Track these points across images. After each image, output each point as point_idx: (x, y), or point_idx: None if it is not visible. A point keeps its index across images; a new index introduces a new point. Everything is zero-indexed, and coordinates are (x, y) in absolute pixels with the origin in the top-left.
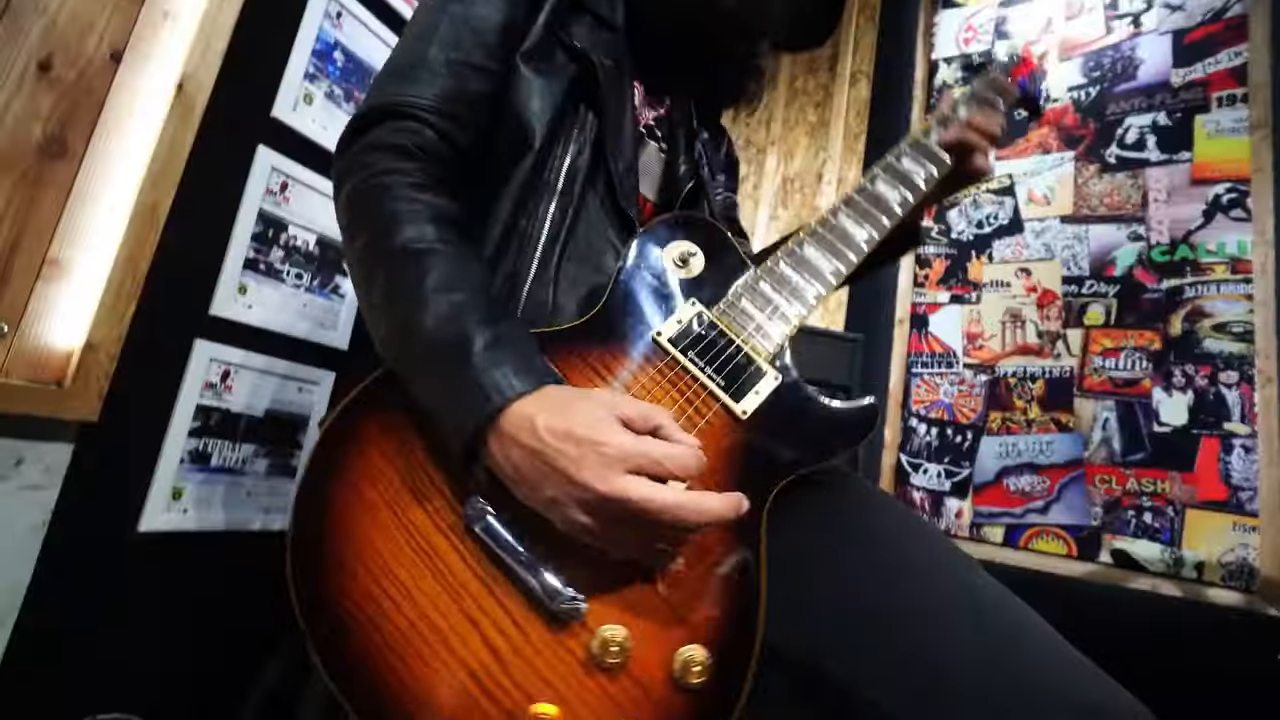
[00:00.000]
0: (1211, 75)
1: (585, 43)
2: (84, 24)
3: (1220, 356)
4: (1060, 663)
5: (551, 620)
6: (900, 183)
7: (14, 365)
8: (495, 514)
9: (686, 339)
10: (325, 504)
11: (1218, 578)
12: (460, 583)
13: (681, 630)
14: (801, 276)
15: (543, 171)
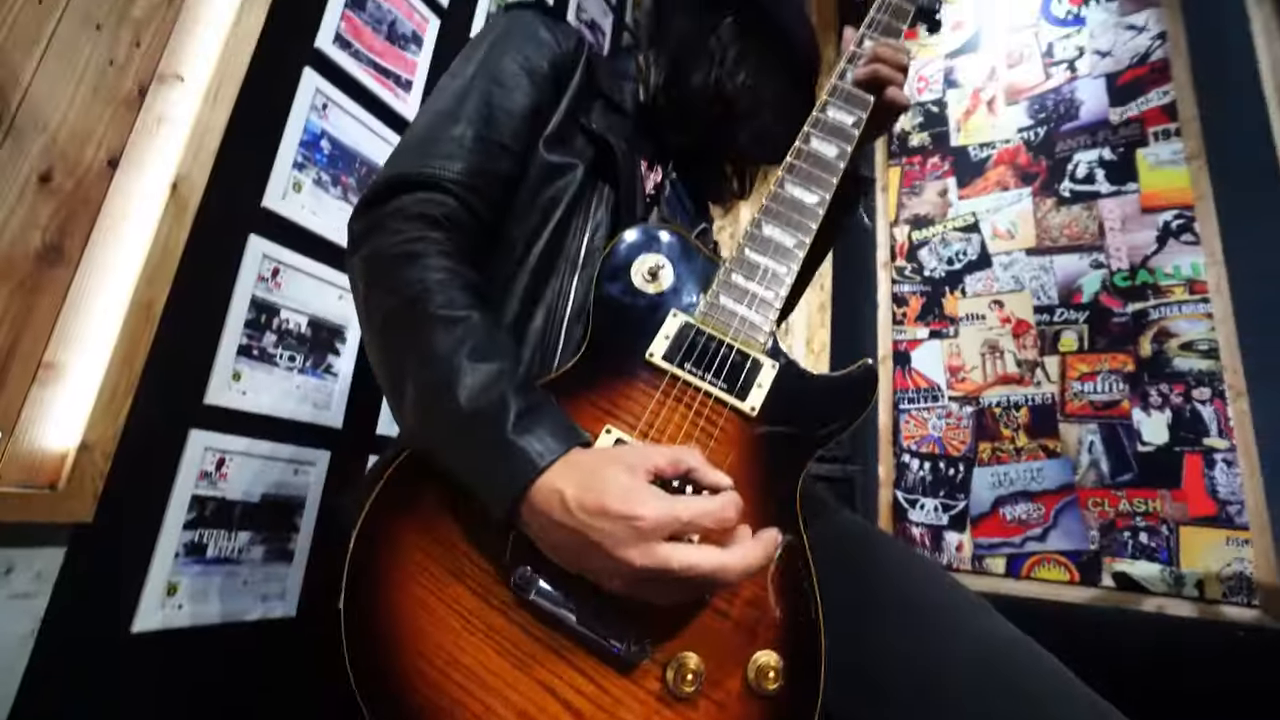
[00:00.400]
0: (1145, 113)
1: (601, 125)
2: (83, 136)
3: (1191, 374)
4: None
5: (622, 667)
6: (833, 135)
7: (7, 471)
8: (544, 578)
9: (679, 352)
10: (374, 614)
11: (1220, 594)
12: (527, 653)
13: (747, 641)
14: (769, 258)
15: (561, 247)
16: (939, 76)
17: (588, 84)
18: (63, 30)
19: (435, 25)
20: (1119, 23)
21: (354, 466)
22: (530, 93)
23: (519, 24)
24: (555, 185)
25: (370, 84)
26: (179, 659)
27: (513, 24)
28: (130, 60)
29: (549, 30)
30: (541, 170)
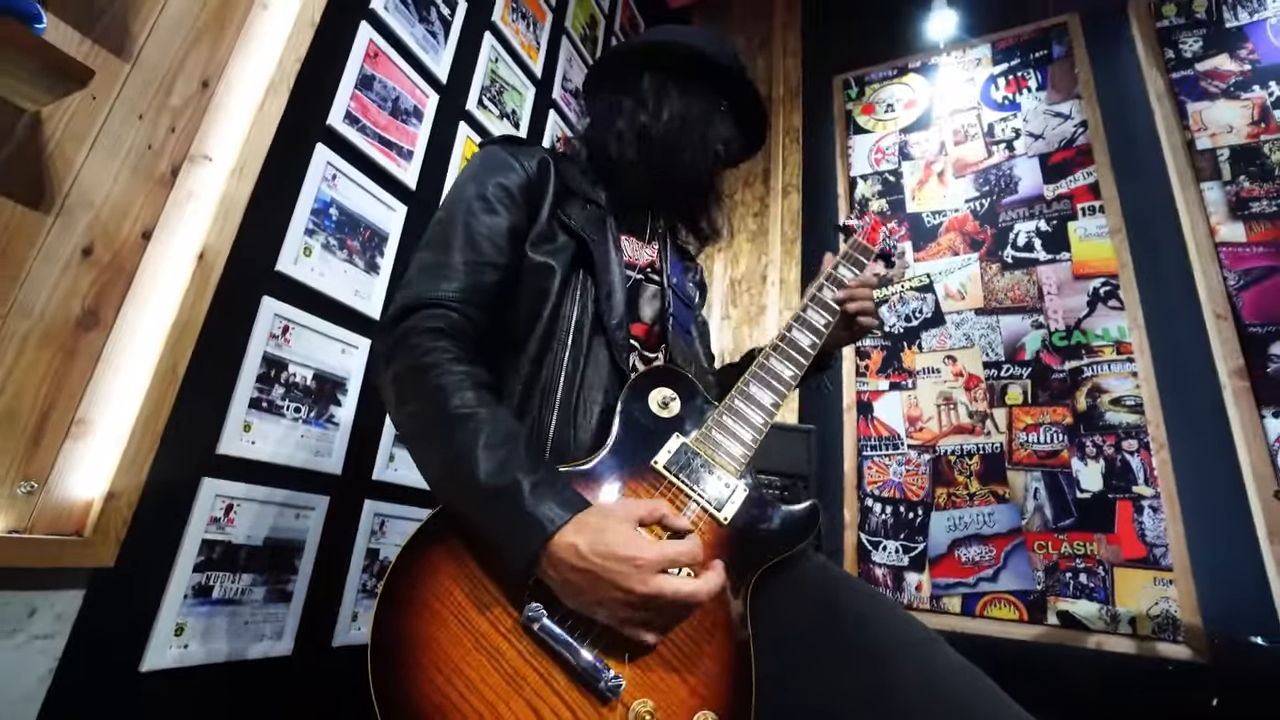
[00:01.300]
0: (1074, 190)
1: (579, 221)
2: (122, 212)
3: (1121, 427)
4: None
5: (596, 699)
6: (808, 329)
7: (38, 521)
8: (548, 615)
9: (676, 464)
10: (400, 619)
11: (1150, 630)
12: (520, 675)
13: (696, 700)
14: (750, 409)
15: (555, 330)
16: (895, 149)
17: (562, 189)
18: (111, 121)
19: (434, 100)
20: (1048, 110)
21: (350, 510)
22: (505, 215)
23: (489, 159)
24: (544, 280)
25: (375, 156)
26: (184, 697)
27: (484, 160)
28: (166, 144)
29: (514, 158)
30: (531, 269)
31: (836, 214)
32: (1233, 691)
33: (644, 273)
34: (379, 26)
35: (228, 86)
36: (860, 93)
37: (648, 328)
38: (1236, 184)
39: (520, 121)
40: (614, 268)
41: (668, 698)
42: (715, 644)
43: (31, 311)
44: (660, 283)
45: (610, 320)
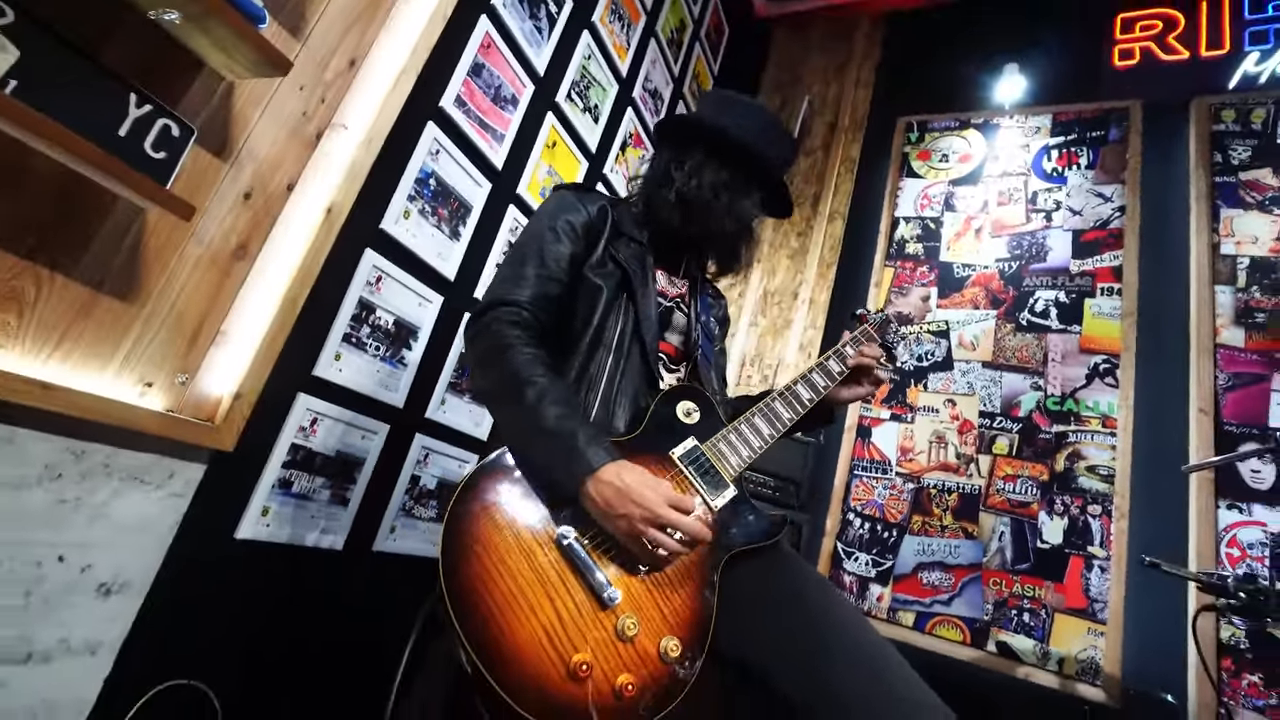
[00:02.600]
0: (1098, 269)
1: (625, 255)
2: (276, 163)
3: (1090, 492)
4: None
5: (597, 604)
6: (810, 387)
7: (186, 406)
8: (575, 538)
9: (688, 459)
10: (465, 520)
11: (1075, 671)
12: (545, 573)
13: (667, 626)
14: (753, 434)
15: (602, 337)
16: (941, 199)
17: (615, 229)
18: (280, 90)
19: (530, 90)
20: (1091, 189)
21: (404, 440)
22: (568, 245)
23: (561, 201)
24: (595, 296)
25: (474, 136)
26: (260, 563)
27: (558, 201)
28: (316, 111)
29: (580, 203)
30: (587, 287)
31: (874, 248)
32: None
33: (674, 302)
34: (495, 20)
35: (370, 66)
36: (920, 138)
37: (674, 348)
38: (1248, 292)
39: (600, 116)
40: (650, 294)
41: (648, 618)
42: (688, 593)
43: (204, 240)
44: (688, 314)
45: (646, 334)
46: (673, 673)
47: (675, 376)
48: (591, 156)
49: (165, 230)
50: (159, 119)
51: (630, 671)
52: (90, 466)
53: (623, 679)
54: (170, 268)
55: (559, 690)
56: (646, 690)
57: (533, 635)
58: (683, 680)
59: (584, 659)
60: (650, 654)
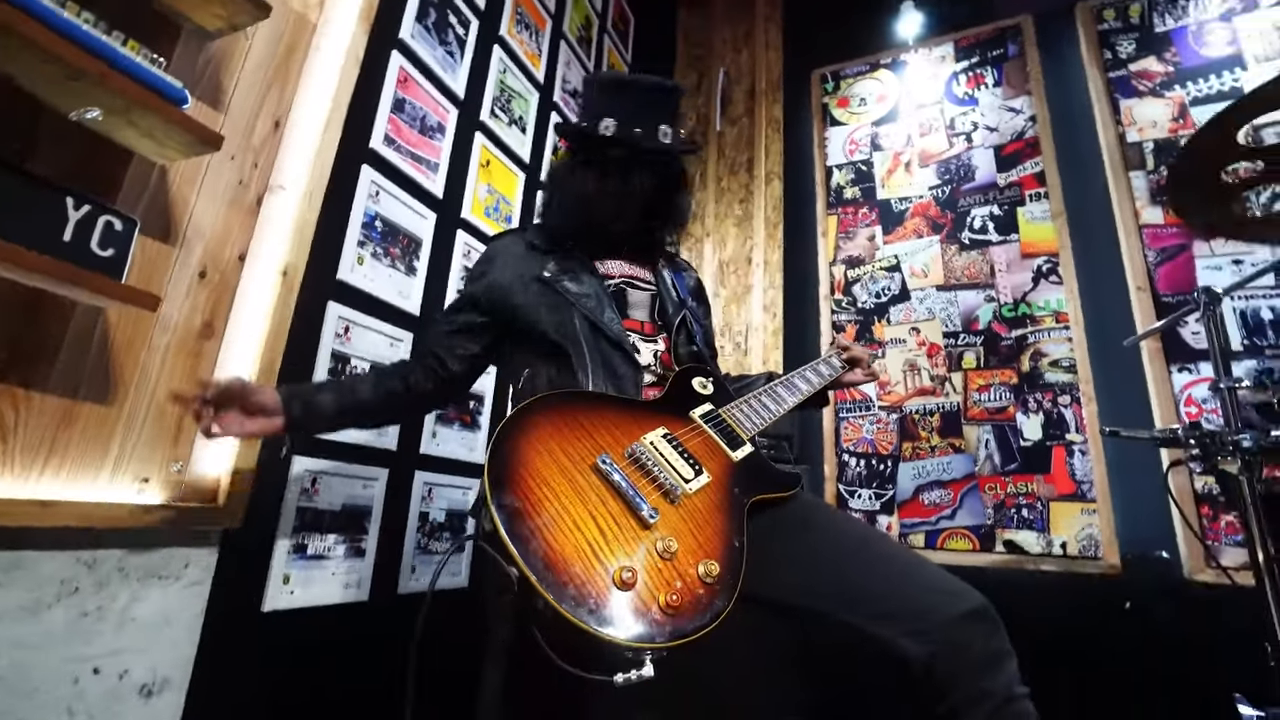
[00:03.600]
0: (1023, 178)
1: (551, 272)
2: (224, 236)
3: (1057, 385)
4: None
5: (637, 522)
6: (806, 381)
7: (186, 493)
8: (613, 462)
9: (707, 419)
10: (508, 445)
11: (1077, 552)
12: (585, 493)
13: (703, 551)
14: (761, 406)
15: (565, 336)
16: (867, 141)
17: (527, 255)
18: (212, 165)
19: (454, 115)
20: (1002, 105)
21: (404, 480)
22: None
23: (479, 262)
24: (536, 313)
25: (409, 170)
26: (294, 631)
27: (477, 262)
28: (251, 178)
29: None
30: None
31: (814, 200)
32: (1141, 596)
33: (625, 282)
34: (407, 53)
35: (295, 123)
36: (836, 86)
37: (641, 323)
38: (1157, 173)
39: (526, 126)
40: (588, 284)
41: (686, 542)
42: (720, 524)
43: (168, 326)
44: (654, 288)
45: (600, 320)
46: (711, 595)
47: (653, 349)
48: (526, 167)
49: (129, 325)
50: (100, 217)
51: (672, 586)
52: (105, 574)
53: (666, 594)
54: (141, 361)
55: (608, 597)
56: (689, 608)
57: (578, 549)
58: (721, 606)
59: (629, 565)
60: (690, 574)
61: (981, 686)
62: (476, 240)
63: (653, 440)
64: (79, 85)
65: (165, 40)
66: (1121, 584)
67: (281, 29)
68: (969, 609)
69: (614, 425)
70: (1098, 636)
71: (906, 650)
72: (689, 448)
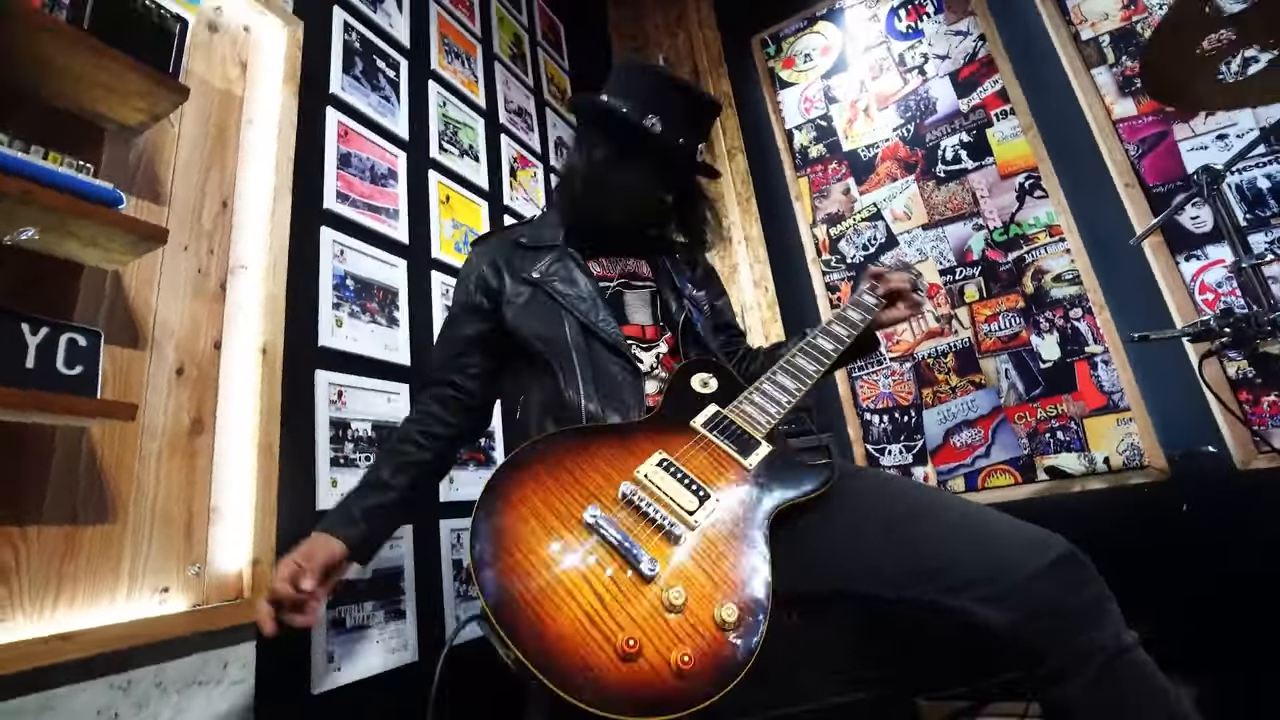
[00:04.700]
0: (985, 99)
1: (540, 271)
2: (194, 328)
3: (1065, 299)
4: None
5: (637, 577)
6: (831, 337)
7: (210, 594)
8: (602, 514)
9: (711, 425)
10: (490, 520)
11: (1121, 465)
12: (577, 555)
13: (720, 593)
14: (777, 390)
15: (557, 347)
16: (820, 96)
17: (520, 254)
18: (167, 259)
19: (403, 158)
20: (948, 30)
21: (431, 532)
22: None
23: (463, 270)
24: (527, 322)
25: (369, 222)
26: (348, 708)
27: (462, 270)
28: (210, 264)
29: (468, 272)
30: (514, 320)
31: (781, 167)
32: (1196, 495)
33: (624, 282)
34: (342, 107)
35: (243, 200)
36: (778, 49)
37: (641, 328)
38: (1120, 65)
39: (479, 154)
40: (582, 289)
41: (696, 587)
42: (736, 557)
43: (156, 431)
44: (653, 288)
45: (595, 327)
46: (733, 641)
47: (655, 354)
48: (487, 195)
49: (114, 439)
50: (61, 335)
51: (685, 643)
52: (143, 694)
53: (678, 652)
54: (135, 472)
55: (612, 673)
56: (708, 661)
57: (575, 621)
58: (749, 647)
59: (631, 636)
60: (705, 622)
61: (1084, 641)
62: (452, 279)
63: (646, 473)
64: (4, 207)
65: (90, 145)
66: (1173, 487)
67: (208, 109)
68: (1050, 559)
69: (605, 463)
70: (1161, 545)
71: (987, 619)
72: (691, 470)
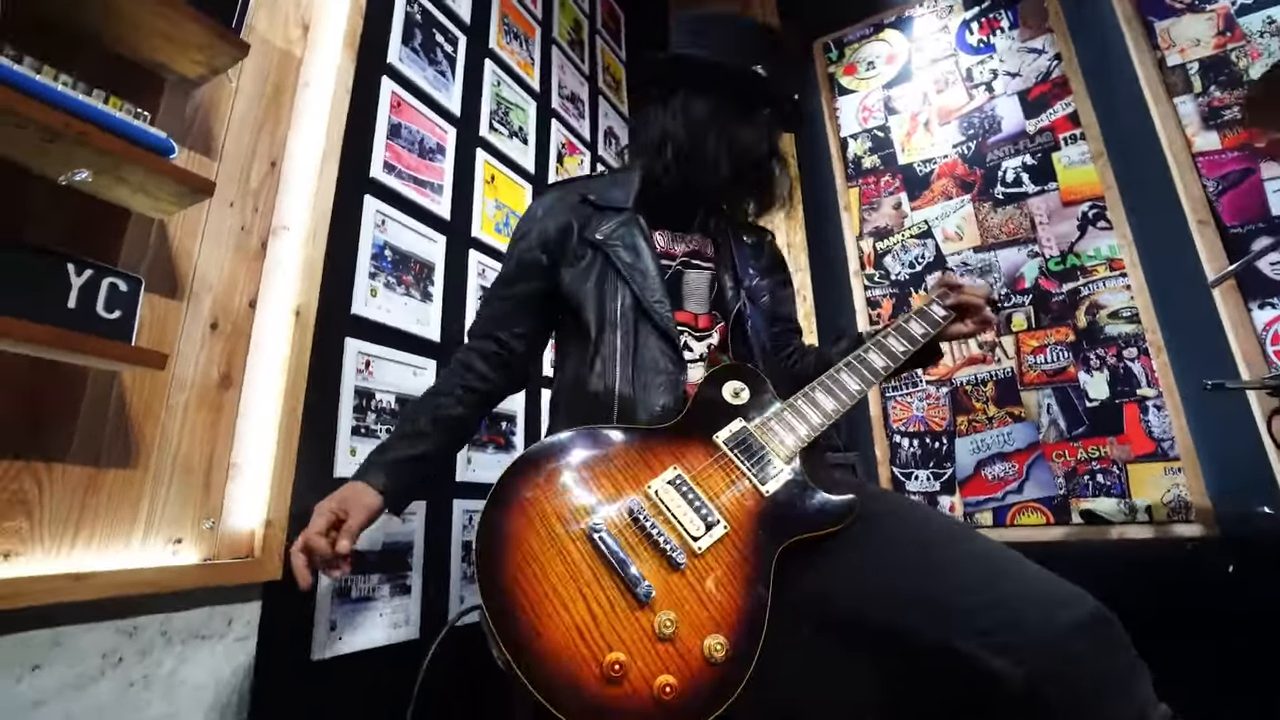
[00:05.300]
0: (1054, 122)
1: (604, 233)
2: (232, 284)
3: (1120, 337)
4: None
5: (632, 600)
6: (884, 353)
7: (221, 549)
8: (607, 530)
9: (734, 443)
10: (497, 519)
11: (1165, 515)
12: (576, 568)
13: (711, 625)
14: (811, 409)
15: (605, 322)
16: (880, 106)
17: (587, 213)
18: (212, 213)
19: (453, 134)
20: (1021, 47)
21: (444, 510)
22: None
23: (518, 228)
24: (581, 289)
25: (413, 195)
26: (346, 678)
27: (517, 226)
28: (253, 222)
29: (532, 219)
30: (571, 283)
31: (832, 175)
32: (1245, 558)
33: (684, 262)
34: (397, 78)
35: (291, 162)
36: (841, 54)
37: (695, 315)
38: (1208, 95)
39: (528, 137)
40: (645, 265)
41: (690, 615)
42: (736, 589)
43: (185, 382)
44: (713, 271)
45: (650, 308)
46: (719, 674)
47: (707, 344)
48: (531, 178)
49: (144, 386)
50: (103, 279)
51: (672, 673)
52: (148, 641)
53: (662, 680)
54: (161, 420)
55: (595, 691)
56: (689, 692)
57: (566, 633)
58: (733, 682)
59: (617, 658)
60: (693, 654)
61: (1108, 711)
62: (490, 259)
63: (658, 489)
64: (61, 147)
65: (150, 94)
66: (1220, 546)
67: (266, 68)
68: (1082, 618)
69: (619, 471)
70: (1201, 606)
71: (999, 670)
72: (704, 491)
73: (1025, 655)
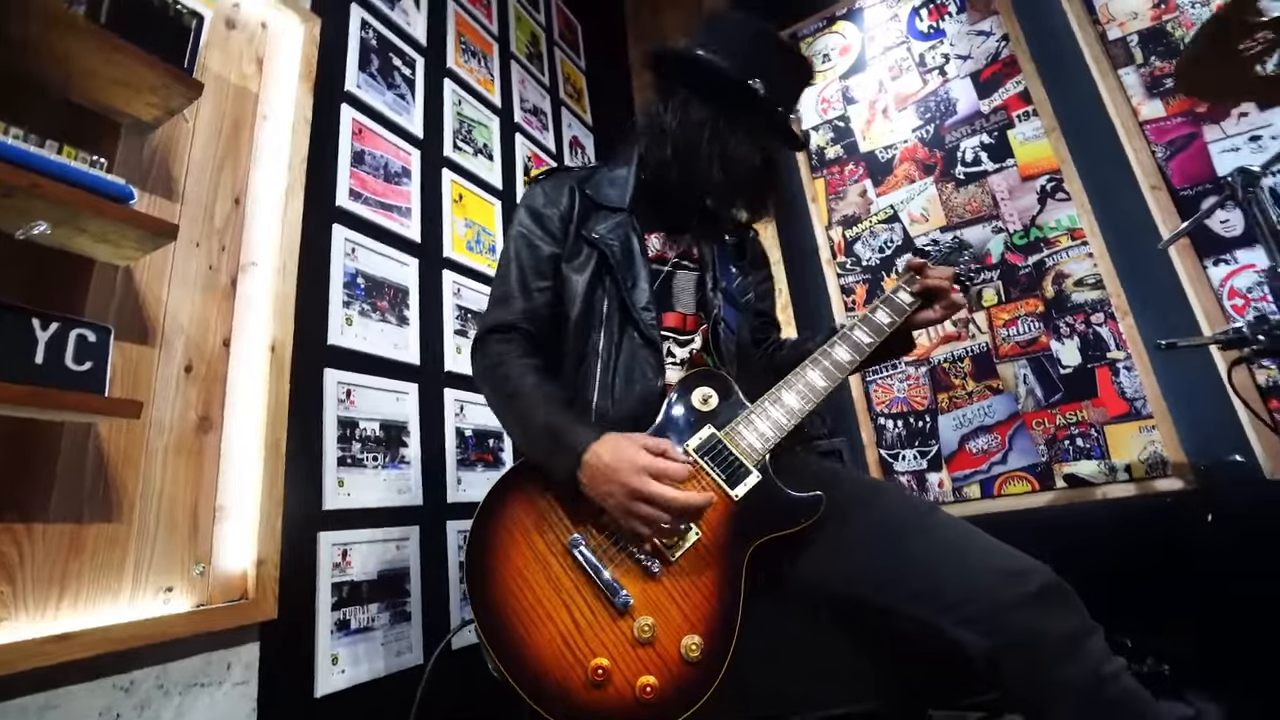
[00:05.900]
0: (1007, 100)
1: (600, 232)
2: (204, 325)
3: (1087, 304)
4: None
5: (612, 609)
6: (850, 347)
7: (214, 593)
8: (584, 545)
9: (704, 449)
10: (484, 537)
11: (1143, 473)
12: (559, 581)
13: (687, 625)
14: (779, 410)
15: (590, 323)
16: (838, 97)
17: (587, 207)
18: (178, 255)
19: (417, 156)
20: (970, 30)
21: (438, 533)
22: (545, 246)
23: (529, 205)
24: (573, 287)
25: (381, 220)
26: (352, 712)
27: (527, 206)
28: (221, 261)
29: (548, 199)
30: (564, 280)
31: (797, 169)
32: (1223, 505)
33: (675, 264)
34: (357, 104)
35: (255, 197)
36: None
37: (683, 317)
38: (1149, 65)
39: (493, 153)
40: (637, 267)
41: (666, 619)
42: (709, 588)
43: (163, 428)
44: (700, 273)
45: (637, 311)
46: (696, 671)
47: (690, 349)
48: (500, 194)
49: (121, 436)
50: (71, 331)
51: (652, 673)
52: (146, 694)
53: (643, 680)
54: (141, 469)
55: (582, 696)
56: (669, 690)
57: (552, 642)
58: (708, 676)
59: (600, 664)
60: (671, 655)
61: (1061, 677)
62: (464, 278)
63: None
64: (16, 201)
65: (106, 140)
66: (1198, 497)
67: (223, 105)
68: (1031, 590)
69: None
70: (1185, 556)
71: (963, 640)
72: None
73: (988, 628)
